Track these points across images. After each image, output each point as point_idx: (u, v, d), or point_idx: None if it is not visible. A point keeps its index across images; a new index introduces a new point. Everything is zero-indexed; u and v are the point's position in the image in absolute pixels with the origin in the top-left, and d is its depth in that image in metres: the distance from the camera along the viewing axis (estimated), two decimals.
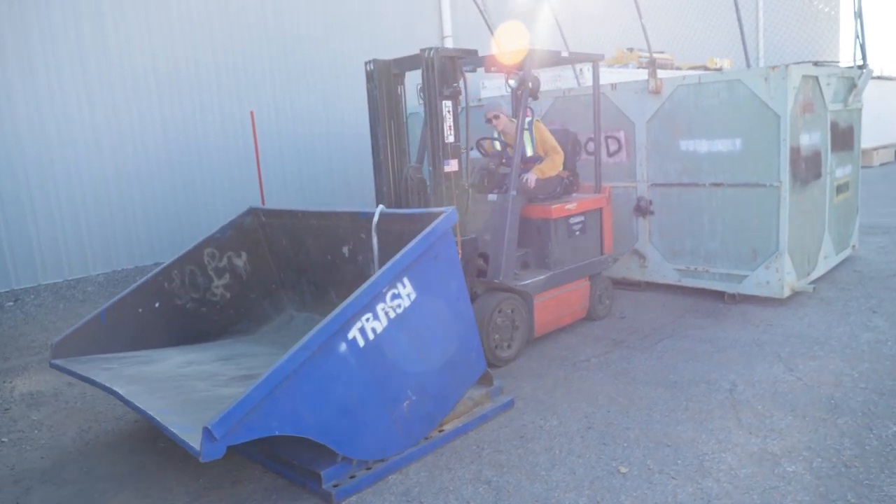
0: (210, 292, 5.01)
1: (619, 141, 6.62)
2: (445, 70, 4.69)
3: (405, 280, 3.58)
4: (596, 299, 5.88)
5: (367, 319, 3.41)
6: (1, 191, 8.05)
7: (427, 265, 3.69)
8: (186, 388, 3.74)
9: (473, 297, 5.07)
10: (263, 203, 10.14)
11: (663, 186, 6.43)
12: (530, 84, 5.07)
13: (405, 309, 3.58)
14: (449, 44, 12.81)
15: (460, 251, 4.76)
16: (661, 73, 6.84)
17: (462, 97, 4.79)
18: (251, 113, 9.97)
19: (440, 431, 3.91)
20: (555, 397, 4.42)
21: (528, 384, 4.67)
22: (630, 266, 6.81)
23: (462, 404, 4.09)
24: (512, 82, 5.07)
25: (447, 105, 4.71)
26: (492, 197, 5.21)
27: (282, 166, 10.70)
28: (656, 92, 6.19)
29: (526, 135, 5.67)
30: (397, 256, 3.53)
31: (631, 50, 11.69)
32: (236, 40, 10.04)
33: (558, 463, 3.58)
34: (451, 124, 4.76)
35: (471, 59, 4.89)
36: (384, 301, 3.48)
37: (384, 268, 3.47)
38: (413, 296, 3.62)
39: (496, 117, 5.61)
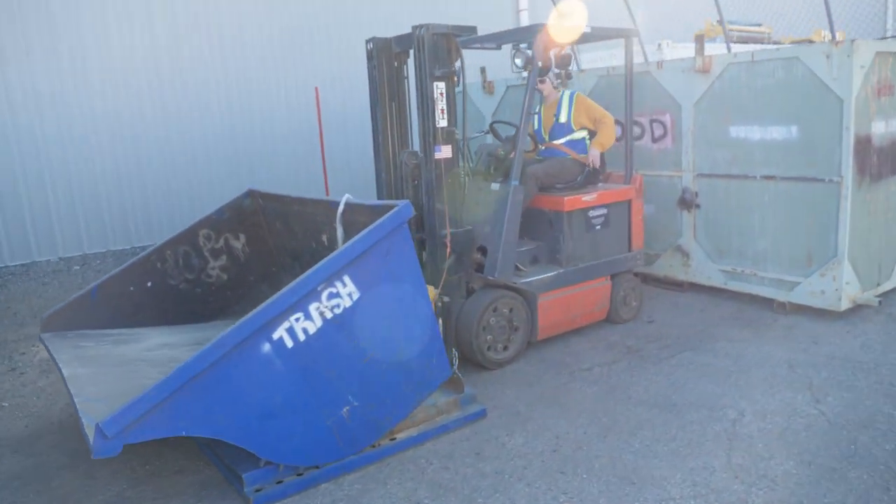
0: (205, 273, 4.98)
1: (664, 125, 5.97)
2: (438, 49, 4.33)
3: (345, 278, 3.32)
4: (619, 300, 5.36)
5: (297, 319, 3.19)
6: (70, 159, 8.52)
7: (374, 263, 3.41)
8: (138, 375, 3.69)
9: (469, 293, 4.75)
10: (326, 181, 10.18)
11: (710, 177, 5.73)
12: (540, 63, 4.59)
13: (345, 309, 3.33)
14: (524, 18, 12.21)
15: (448, 245, 4.45)
16: (743, 48, 6.07)
17: (458, 78, 4.42)
18: (316, 89, 9.98)
19: (391, 440, 3.66)
20: (534, 410, 4.04)
21: (513, 392, 4.31)
22: (673, 264, 6.18)
23: (422, 412, 3.80)
24: (518, 61, 4.62)
25: (439, 87, 4.36)
26: (494, 186, 4.82)
27: (346, 142, 10.65)
28: (705, 71, 5.48)
29: (564, 103, 5.29)
30: (335, 253, 3.28)
31: (719, 23, 10.57)
32: (300, 11, 10.09)
33: (501, 490, 3.23)
34: (444, 107, 4.40)
35: (469, 36, 4.47)
36: (318, 300, 3.24)
37: (318, 265, 3.23)
38: (356, 295, 3.36)
39: (541, 81, 5.24)
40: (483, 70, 8.11)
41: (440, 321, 4.22)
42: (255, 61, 9.78)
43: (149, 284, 4.76)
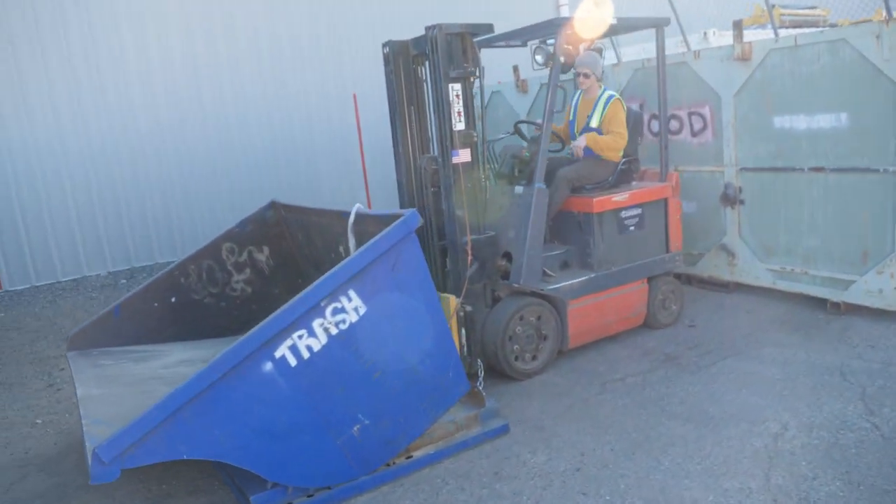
0: (230, 287, 4.96)
1: (703, 118, 5.64)
2: (452, 49, 4.17)
3: (350, 293, 3.20)
4: (657, 304, 5.08)
5: (301, 336, 3.09)
6: (121, 177, 8.75)
7: (381, 275, 3.28)
8: (151, 394, 3.65)
9: (494, 302, 4.57)
10: (367, 189, 10.14)
11: (754, 171, 5.38)
12: (563, 59, 4.38)
13: (352, 324, 3.21)
14: (564, 13, 11.91)
15: (469, 252, 4.28)
16: (793, 33, 5.67)
17: (475, 79, 4.26)
18: (353, 95, 9.97)
19: (407, 458, 3.52)
20: (560, 425, 3.83)
21: (539, 405, 4.10)
22: (718, 264, 5.83)
23: (440, 428, 3.65)
24: (539, 57, 4.41)
25: (455, 88, 4.20)
26: (518, 189, 4.62)
27: (388, 149, 10.57)
28: (745, 58, 5.14)
29: (600, 105, 4.97)
30: (336, 267, 3.16)
31: (772, 7, 10.01)
32: (339, 19, 10.12)
33: None
34: (461, 110, 4.24)
35: (486, 35, 4.29)
36: (322, 316, 3.13)
37: (319, 280, 3.12)
38: (362, 310, 3.24)
39: (585, 76, 4.95)
40: (516, 68, 7.91)
41: (462, 331, 4.06)
42: (293, 65, 9.85)
43: (173, 300, 4.76)
